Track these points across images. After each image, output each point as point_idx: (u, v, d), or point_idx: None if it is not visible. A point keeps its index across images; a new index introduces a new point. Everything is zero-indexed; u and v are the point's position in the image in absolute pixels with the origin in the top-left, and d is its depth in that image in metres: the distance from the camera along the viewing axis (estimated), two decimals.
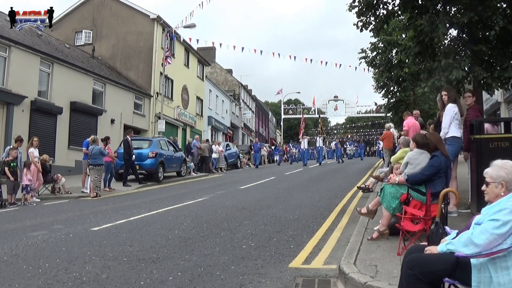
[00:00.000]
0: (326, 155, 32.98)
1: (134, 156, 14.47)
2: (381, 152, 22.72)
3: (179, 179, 17.37)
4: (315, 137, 28.28)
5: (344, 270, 4.20)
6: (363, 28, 9.22)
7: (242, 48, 25.82)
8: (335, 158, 30.74)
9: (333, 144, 34.47)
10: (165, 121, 23.33)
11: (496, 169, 2.85)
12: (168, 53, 22.73)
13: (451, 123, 6.54)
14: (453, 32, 8.90)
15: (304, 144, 26.17)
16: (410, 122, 10.42)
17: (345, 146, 37.53)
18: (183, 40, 27.79)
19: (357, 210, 6.49)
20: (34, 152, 11.57)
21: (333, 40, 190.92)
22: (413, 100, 21.79)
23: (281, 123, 58.08)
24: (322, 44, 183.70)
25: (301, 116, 50.87)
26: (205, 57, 34.53)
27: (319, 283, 4.23)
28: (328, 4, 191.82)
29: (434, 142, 5.43)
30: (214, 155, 22.08)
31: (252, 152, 27.52)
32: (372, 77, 22.66)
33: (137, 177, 14.88)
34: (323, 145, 28.13)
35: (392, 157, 9.84)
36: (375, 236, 5.43)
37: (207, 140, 24.99)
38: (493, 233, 2.64)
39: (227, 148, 25.50)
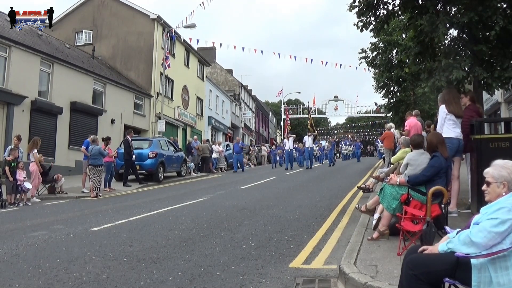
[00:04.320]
0: (319, 157, 29.03)
1: (134, 156, 14.47)
2: (381, 152, 22.66)
3: (179, 179, 17.37)
4: (304, 137, 23.08)
5: (344, 270, 4.20)
6: (363, 28, 9.21)
7: (243, 48, 25.89)
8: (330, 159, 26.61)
9: (327, 143, 31.59)
10: (165, 121, 23.34)
11: (498, 169, 2.86)
12: (167, 53, 22.74)
13: (443, 124, 6.59)
14: (453, 32, 8.89)
15: (289, 144, 22.62)
16: (412, 122, 10.40)
17: (340, 146, 35.55)
18: (183, 40, 27.79)
19: (357, 207, 6.52)
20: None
21: (332, 38, 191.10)
22: (413, 100, 21.79)
23: (281, 123, 58.08)
24: (322, 43, 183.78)
25: (301, 116, 51.12)
26: (205, 57, 34.53)
27: (319, 283, 4.23)
28: (328, 3, 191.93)
29: (436, 143, 5.43)
30: (214, 155, 22.07)
31: (235, 153, 22.74)
32: (372, 77, 22.69)
33: (137, 177, 14.89)
34: (314, 145, 24.33)
35: (392, 157, 9.86)
36: (375, 236, 5.43)
37: (207, 140, 24.99)
38: (491, 231, 2.64)
39: (227, 148, 25.49)
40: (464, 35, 8.44)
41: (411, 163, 5.53)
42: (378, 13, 9.08)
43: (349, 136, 56.73)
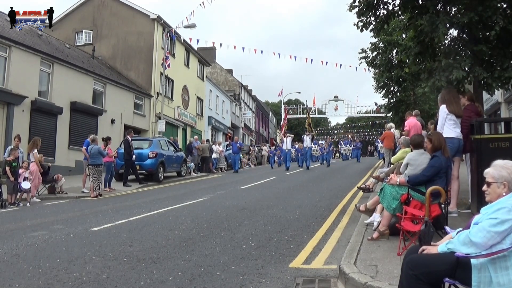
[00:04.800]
0: (320, 157, 28.51)
1: (134, 156, 14.47)
2: (380, 151, 22.63)
3: (179, 179, 17.37)
4: (303, 137, 22.78)
5: (344, 270, 4.20)
6: (364, 28, 9.21)
7: (243, 48, 25.84)
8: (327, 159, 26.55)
9: (324, 143, 31.45)
10: (166, 121, 23.34)
11: (498, 169, 2.86)
12: (167, 53, 22.74)
13: (443, 124, 6.59)
14: (453, 32, 8.90)
15: (286, 143, 22.53)
16: (412, 122, 10.42)
17: (340, 146, 35.40)
18: (184, 40, 27.79)
19: (356, 206, 6.52)
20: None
21: (332, 38, 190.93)
22: (413, 100, 21.81)
23: (281, 123, 57.95)
24: (321, 43, 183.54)
25: (301, 116, 51.05)
26: (205, 57, 34.53)
27: (320, 283, 4.24)
28: (328, 2, 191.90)
29: (443, 142, 5.43)
30: (214, 155, 22.07)
31: (232, 153, 22.56)
32: (373, 77, 22.69)
33: (137, 177, 14.89)
34: (314, 144, 24.01)
35: (392, 157, 9.87)
36: (375, 236, 5.43)
37: (207, 140, 25.00)
38: (490, 230, 2.64)
39: (227, 148, 25.49)
40: (464, 35, 8.44)
41: (411, 163, 5.53)
42: (378, 13, 9.08)
43: (349, 136, 56.65)
